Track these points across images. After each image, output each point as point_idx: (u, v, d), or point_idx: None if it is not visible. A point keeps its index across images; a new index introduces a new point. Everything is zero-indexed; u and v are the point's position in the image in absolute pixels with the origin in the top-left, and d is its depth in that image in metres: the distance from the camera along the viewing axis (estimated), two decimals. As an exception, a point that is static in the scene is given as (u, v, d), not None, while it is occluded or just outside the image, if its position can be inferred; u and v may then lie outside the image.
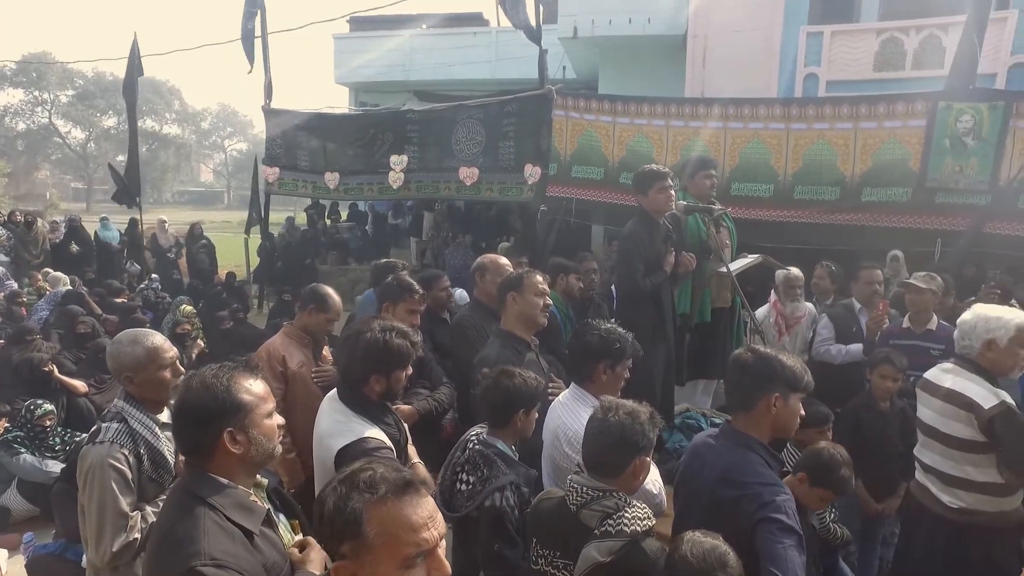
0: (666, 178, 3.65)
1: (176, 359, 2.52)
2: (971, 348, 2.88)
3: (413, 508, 1.27)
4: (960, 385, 2.87)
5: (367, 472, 1.30)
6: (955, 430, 2.86)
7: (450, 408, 3.39)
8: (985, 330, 2.82)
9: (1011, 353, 2.82)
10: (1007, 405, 2.75)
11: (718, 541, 1.71)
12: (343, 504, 1.26)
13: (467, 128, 8.15)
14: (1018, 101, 6.37)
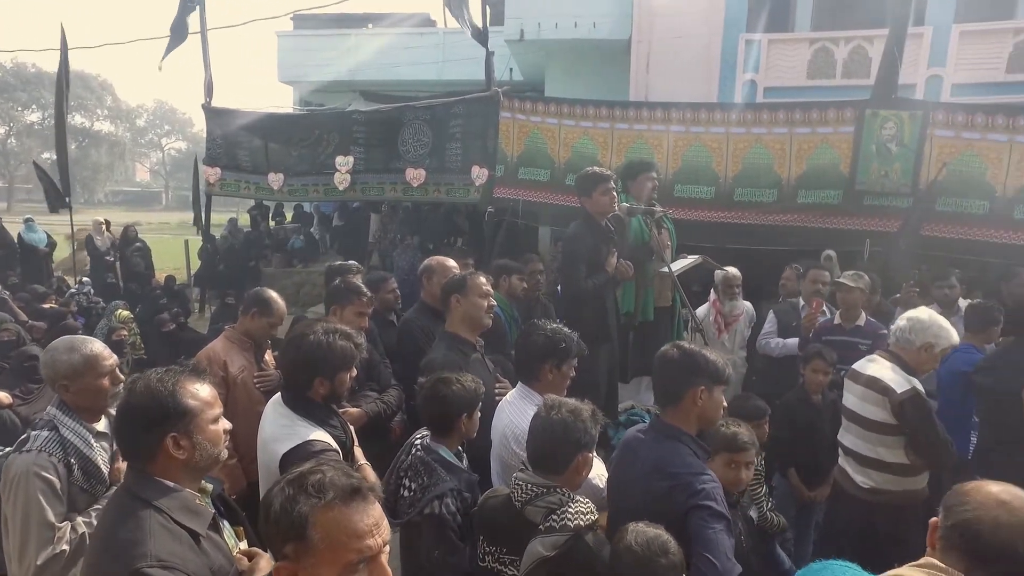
0: (609, 180, 3.73)
1: (116, 367, 2.44)
2: (910, 343, 3.09)
3: (360, 515, 1.27)
4: (879, 372, 3.10)
5: (316, 475, 1.30)
6: (871, 413, 3.09)
7: (399, 410, 3.39)
8: (932, 335, 3.05)
9: (934, 361, 3.11)
10: (917, 391, 2.98)
11: (660, 531, 1.77)
12: (290, 506, 1.26)
13: (414, 129, 8.12)
14: (934, 110, 6.75)
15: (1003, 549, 1.34)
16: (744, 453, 2.53)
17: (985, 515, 1.38)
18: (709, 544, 1.82)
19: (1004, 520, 1.36)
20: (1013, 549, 1.33)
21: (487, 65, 8.01)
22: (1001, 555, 1.34)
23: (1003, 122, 6.54)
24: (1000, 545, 1.34)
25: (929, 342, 3.04)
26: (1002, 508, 1.38)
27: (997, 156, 6.58)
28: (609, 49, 12.09)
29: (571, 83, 11.86)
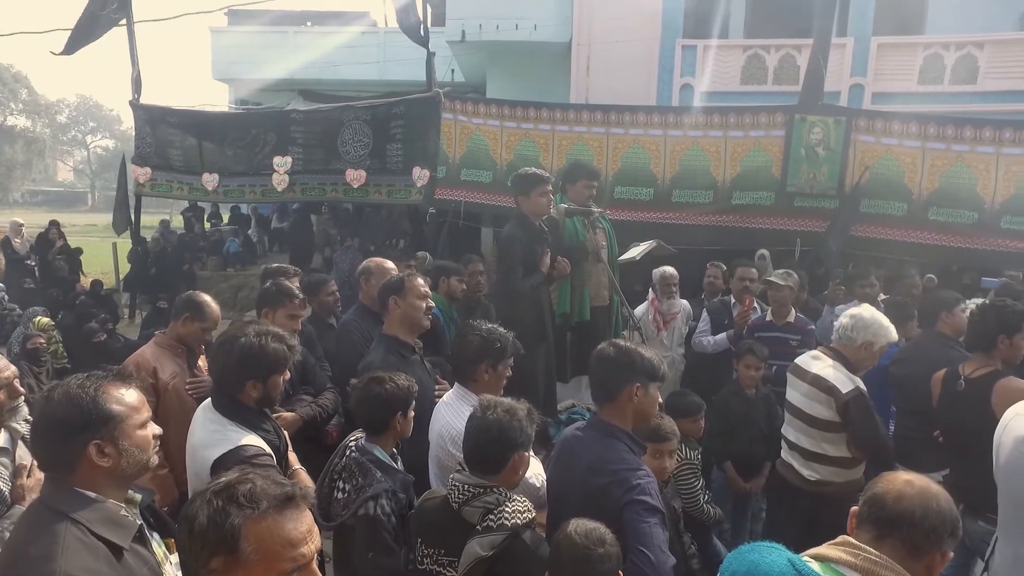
0: (547, 182, 3.77)
1: (14, 378, 2.31)
2: (851, 341, 3.22)
3: (294, 523, 1.25)
4: (824, 371, 3.21)
5: (246, 485, 1.26)
6: (816, 411, 3.21)
7: (335, 413, 3.33)
8: (872, 333, 3.18)
9: (874, 358, 3.25)
10: (860, 391, 3.13)
11: (598, 524, 1.81)
12: (220, 519, 1.21)
13: (354, 130, 8.02)
14: (856, 117, 7.11)
15: (904, 516, 1.46)
16: (667, 443, 2.61)
17: (891, 488, 1.52)
18: (643, 537, 1.86)
19: (906, 492, 1.50)
20: (912, 515, 1.46)
21: (428, 66, 7.98)
22: (902, 521, 1.46)
23: (916, 130, 6.95)
24: (901, 512, 1.47)
25: (869, 340, 3.18)
26: (906, 484, 1.52)
27: (912, 161, 6.98)
28: (550, 52, 12.22)
29: (513, 85, 11.93)
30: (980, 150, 6.90)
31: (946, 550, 1.47)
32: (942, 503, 1.49)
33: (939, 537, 1.46)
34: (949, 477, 3.40)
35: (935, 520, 1.46)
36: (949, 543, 1.47)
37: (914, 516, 1.46)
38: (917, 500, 1.47)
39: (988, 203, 6.85)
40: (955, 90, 10.69)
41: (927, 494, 1.49)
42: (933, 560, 1.47)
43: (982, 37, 10.77)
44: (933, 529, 1.45)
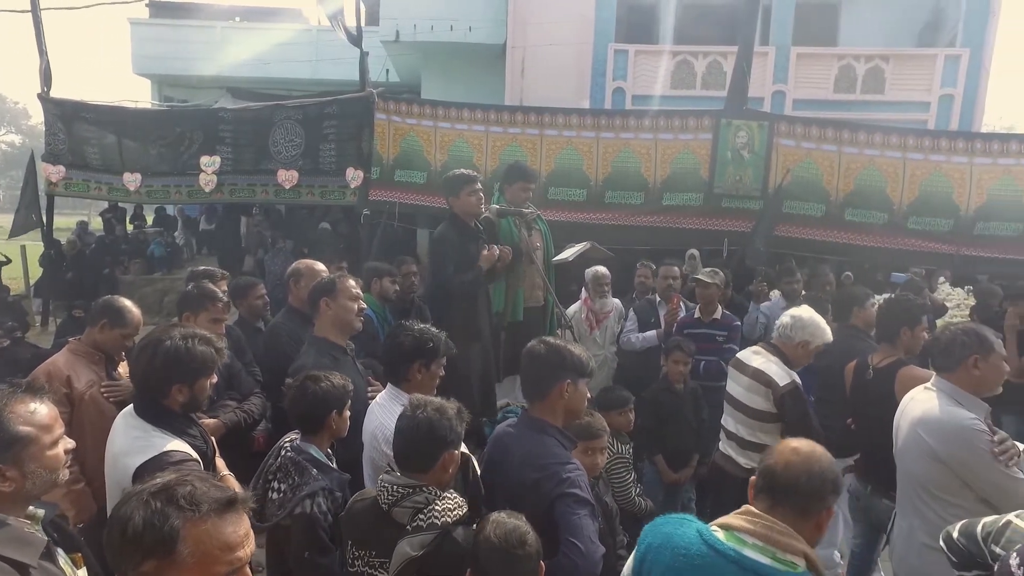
0: (475, 182, 3.79)
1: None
2: (790, 339, 3.41)
3: (233, 527, 1.23)
4: (764, 365, 3.39)
5: (186, 487, 1.22)
6: (756, 403, 3.38)
7: (262, 419, 3.26)
8: (809, 333, 3.38)
9: (808, 356, 3.45)
10: (796, 384, 3.32)
11: (520, 521, 1.83)
12: (159, 521, 1.17)
13: (285, 129, 7.84)
14: (778, 122, 7.45)
15: (791, 484, 1.59)
16: (597, 440, 2.68)
17: (780, 459, 1.65)
18: (574, 529, 1.91)
19: (793, 461, 1.62)
20: (798, 483, 1.58)
21: (361, 65, 7.89)
22: (790, 489, 1.59)
23: (832, 135, 7.34)
24: (789, 481, 1.60)
25: (806, 339, 3.38)
26: (793, 454, 1.65)
27: (830, 164, 7.36)
28: (485, 53, 12.28)
29: (448, 86, 11.92)
30: (888, 155, 7.35)
31: (830, 506, 1.60)
32: (824, 465, 1.62)
33: (823, 497, 1.59)
34: (859, 461, 3.62)
35: (818, 484, 1.59)
36: (832, 500, 1.60)
37: (799, 483, 1.59)
38: (802, 468, 1.60)
39: (896, 205, 7.31)
40: (866, 99, 11.35)
41: (810, 460, 1.62)
42: (820, 518, 1.60)
43: (887, 51, 11.49)
44: (817, 492, 1.59)
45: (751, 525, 1.55)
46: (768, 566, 1.49)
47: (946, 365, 2.68)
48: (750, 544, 1.53)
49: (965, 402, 2.57)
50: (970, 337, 2.63)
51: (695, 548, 1.55)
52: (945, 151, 7.35)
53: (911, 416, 2.71)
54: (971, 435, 2.44)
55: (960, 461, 2.47)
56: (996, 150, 7.26)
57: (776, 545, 1.51)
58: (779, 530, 1.53)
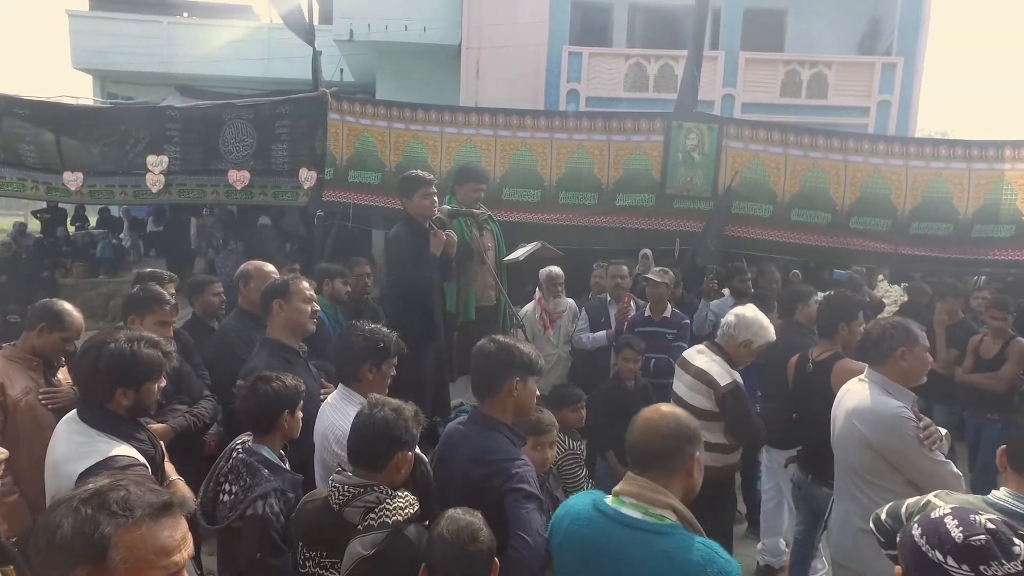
0: (430, 184, 3.81)
1: None
2: (733, 338, 3.49)
3: (169, 531, 1.21)
4: (706, 365, 3.47)
5: (119, 492, 1.20)
6: (698, 402, 3.45)
7: (213, 422, 3.21)
8: (752, 333, 3.46)
9: (752, 355, 3.54)
10: (737, 384, 3.41)
11: (473, 518, 1.86)
12: (89, 528, 1.14)
13: (236, 129, 7.68)
14: (727, 124, 7.65)
15: (647, 450, 1.77)
16: (547, 435, 2.73)
17: (635, 433, 1.82)
18: (522, 523, 1.96)
19: (643, 432, 1.79)
20: (651, 448, 1.76)
21: (314, 64, 7.79)
22: (648, 455, 1.77)
23: (778, 137, 7.57)
24: (645, 448, 1.77)
25: (749, 339, 3.46)
26: (642, 425, 1.82)
27: (776, 166, 7.59)
28: (440, 54, 12.26)
29: (402, 86, 11.86)
30: (831, 157, 7.62)
31: (691, 455, 1.75)
32: (670, 426, 1.77)
33: (679, 451, 1.75)
34: (802, 451, 3.77)
35: (670, 443, 1.75)
36: (691, 449, 1.76)
37: (652, 447, 1.76)
38: (651, 434, 1.77)
39: (839, 205, 7.58)
40: (811, 103, 11.76)
41: (656, 426, 1.78)
42: (687, 467, 1.76)
43: (829, 58, 11.93)
44: (671, 449, 1.75)
45: (629, 487, 1.75)
46: (639, 519, 1.69)
47: (876, 358, 2.82)
48: (628, 503, 1.73)
49: (894, 392, 2.72)
50: (897, 330, 2.79)
51: (586, 512, 1.79)
52: (883, 154, 7.66)
53: (846, 407, 2.86)
54: (899, 422, 2.59)
55: (889, 447, 2.62)
56: (928, 154, 7.61)
57: (647, 501, 1.70)
58: (649, 488, 1.72)
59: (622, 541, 1.68)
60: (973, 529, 1.26)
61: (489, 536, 1.84)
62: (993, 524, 1.27)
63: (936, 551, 1.27)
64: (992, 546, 1.24)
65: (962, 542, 1.25)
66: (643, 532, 1.67)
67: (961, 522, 1.29)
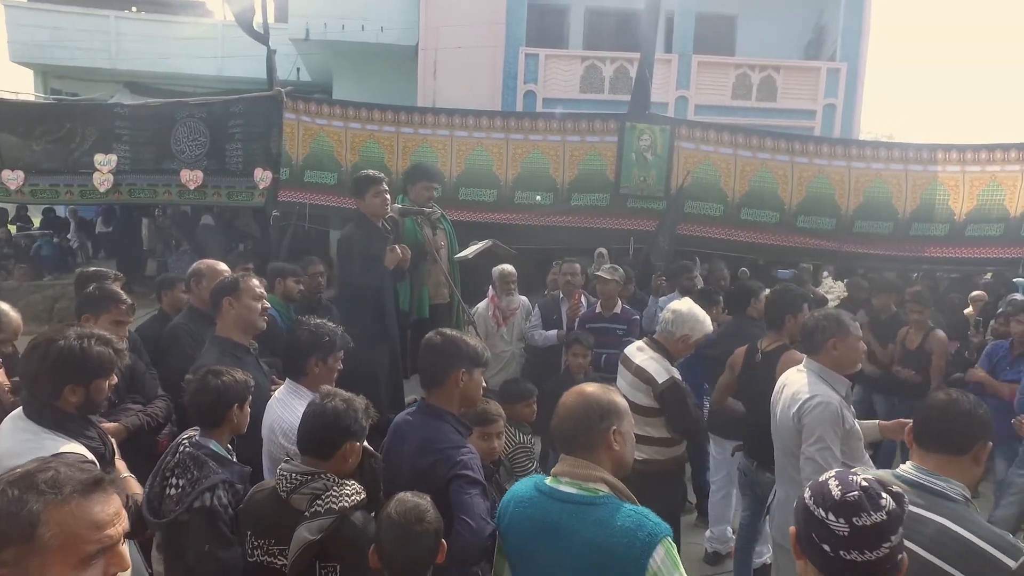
0: (382, 183, 3.85)
1: None
2: (671, 334, 3.59)
3: (101, 506, 1.23)
4: (645, 363, 3.56)
5: (48, 472, 1.22)
6: (639, 399, 3.54)
7: (167, 422, 3.21)
8: (689, 327, 3.56)
9: (690, 348, 3.66)
10: (675, 380, 3.51)
11: (421, 500, 1.94)
12: (16, 507, 1.16)
13: (188, 128, 7.56)
14: (679, 125, 7.87)
15: (567, 434, 1.86)
16: (493, 425, 2.80)
17: (554, 422, 1.91)
18: (466, 507, 2.04)
19: (559, 419, 1.89)
20: (568, 430, 1.85)
21: (269, 63, 7.73)
22: (568, 437, 1.86)
23: (728, 139, 7.82)
24: (564, 433, 1.87)
25: (686, 333, 3.57)
26: (561, 408, 1.90)
27: (727, 167, 7.83)
28: (398, 54, 12.25)
29: (360, 86, 11.80)
30: (779, 158, 7.90)
31: (609, 427, 1.83)
32: (581, 406, 1.85)
33: (592, 427, 1.83)
34: (747, 439, 3.93)
35: (583, 422, 1.83)
36: (608, 422, 1.83)
37: (565, 429, 1.87)
38: (566, 419, 1.86)
39: (787, 205, 7.86)
40: (760, 106, 12.12)
41: (570, 410, 1.87)
42: (605, 441, 1.83)
43: (778, 62, 12.33)
44: (582, 428, 1.83)
45: (563, 467, 1.85)
46: (574, 494, 1.79)
47: (811, 348, 2.99)
48: (565, 482, 1.82)
49: (829, 379, 2.89)
50: (829, 322, 2.95)
51: (528, 494, 1.88)
52: (827, 156, 7.98)
53: (786, 395, 3.01)
54: (822, 410, 2.76)
55: (807, 428, 2.79)
56: (869, 156, 7.96)
57: (580, 478, 1.80)
58: (580, 465, 1.82)
59: (560, 515, 1.77)
60: (849, 487, 1.39)
61: (436, 518, 1.91)
62: (866, 482, 1.40)
63: (820, 509, 1.40)
64: (863, 500, 1.36)
65: (839, 499, 1.38)
66: (578, 505, 1.77)
67: (841, 482, 1.42)
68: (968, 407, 1.97)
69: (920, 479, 1.94)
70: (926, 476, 1.94)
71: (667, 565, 1.65)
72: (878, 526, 1.36)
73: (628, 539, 1.67)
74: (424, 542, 1.86)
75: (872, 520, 1.35)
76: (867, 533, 1.35)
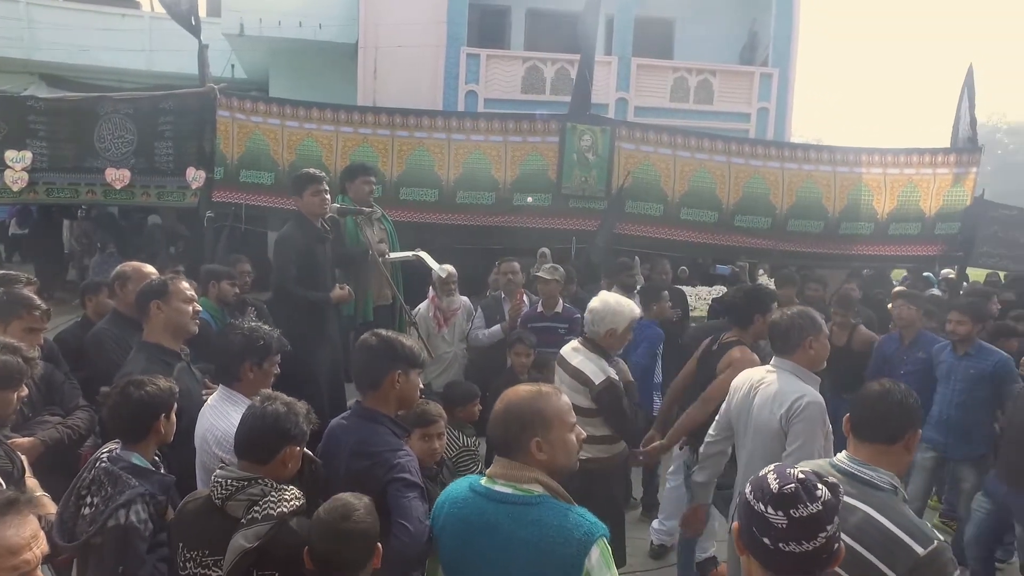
0: (321, 182, 3.76)
1: None
2: (597, 332, 3.56)
3: (15, 529, 1.18)
4: (581, 364, 3.52)
5: None
6: (578, 400, 3.50)
7: (89, 434, 3.03)
8: (611, 321, 3.50)
9: (623, 338, 3.59)
10: (612, 381, 3.48)
11: (354, 499, 1.89)
12: None
13: (113, 124, 7.20)
14: (619, 127, 8.00)
15: (499, 438, 1.85)
16: (434, 426, 2.78)
17: (489, 428, 1.90)
18: (403, 511, 2.01)
19: (492, 424, 1.88)
20: (497, 431, 1.85)
21: (200, 59, 7.44)
22: (500, 442, 1.85)
23: (667, 140, 7.99)
24: (496, 437, 1.86)
25: (610, 328, 3.52)
26: (492, 417, 1.89)
27: (666, 168, 8.00)
28: (336, 52, 12.02)
29: (297, 84, 11.52)
30: (716, 159, 8.13)
31: (535, 436, 1.81)
32: (511, 411, 1.84)
33: (515, 438, 1.82)
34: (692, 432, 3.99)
35: (514, 427, 1.82)
36: (530, 432, 1.81)
37: (493, 437, 1.88)
38: (499, 424, 1.86)
39: (725, 205, 8.09)
40: (698, 108, 12.44)
41: (502, 415, 1.85)
42: (530, 449, 1.81)
43: (714, 66, 12.69)
44: (507, 436, 1.83)
45: (497, 469, 1.84)
46: (511, 494, 1.78)
47: (785, 348, 2.98)
48: (500, 483, 1.81)
49: (804, 377, 2.92)
50: (805, 320, 2.96)
51: (464, 495, 1.87)
52: (762, 157, 8.27)
53: (765, 395, 2.95)
54: (810, 408, 2.78)
55: (793, 430, 2.80)
56: (800, 157, 8.30)
57: (514, 479, 1.79)
58: (514, 467, 1.81)
59: (496, 516, 1.76)
60: (787, 480, 1.43)
61: (367, 516, 1.86)
62: (803, 474, 1.44)
63: (760, 503, 1.43)
64: (800, 492, 1.40)
65: (777, 492, 1.41)
66: (514, 505, 1.76)
67: (778, 475, 1.45)
68: (900, 397, 2.06)
69: (852, 468, 2.01)
70: (857, 466, 2.01)
71: (600, 565, 1.67)
72: (814, 517, 1.39)
73: (564, 539, 1.67)
74: (354, 541, 1.82)
75: (808, 511, 1.39)
76: (804, 524, 1.38)
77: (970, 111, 8.80)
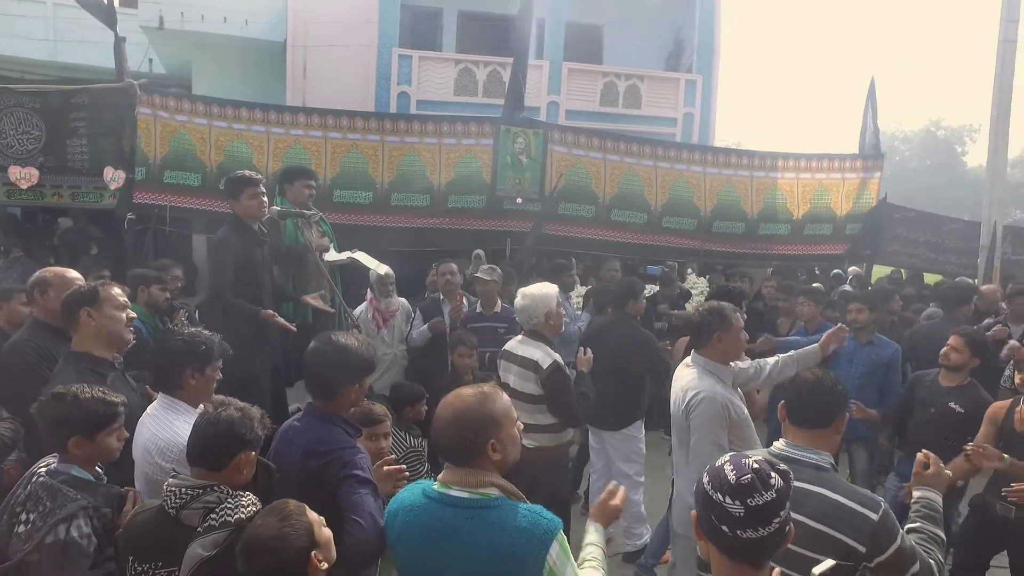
0: (258, 184, 3.70)
1: None
2: (537, 323, 3.68)
3: None
4: (529, 352, 3.66)
5: None
6: (528, 388, 3.65)
7: (14, 447, 2.88)
8: (544, 306, 3.64)
9: (559, 314, 3.74)
10: (558, 365, 3.61)
11: (289, 502, 1.81)
12: None
13: (17, 119, 6.75)
14: (551, 130, 8.16)
15: (449, 445, 1.85)
16: (380, 425, 2.82)
17: (435, 433, 1.91)
18: (356, 507, 2.02)
19: (440, 432, 1.87)
20: (451, 441, 1.84)
21: (117, 52, 7.08)
22: (451, 448, 1.85)
23: (598, 143, 8.23)
24: (446, 444, 1.86)
25: (546, 311, 3.66)
26: (437, 423, 1.89)
27: (597, 170, 8.23)
28: (264, 50, 11.69)
29: (222, 82, 11.10)
30: (644, 163, 8.43)
31: (490, 439, 1.82)
32: (462, 415, 1.83)
33: (471, 442, 1.81)
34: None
35: (468, 431, 1.82)
36: (485, 435, 1.82)
37: (444, 446, 1.87)
38: (441, 433, 1.86)
39: (653, 206, 8.40)
40: (627, 112, 12.79)
41: (451, 421, 1.85)
42: (485, 452, 1.82)
43: (642, 72, 13.07)
44: (459, 443, 1.83)
45: (450, 476, 1.85)
46: (468, 498, 1.79)
47: (699, 343, 3.14)
48: (455, 488, 1.82)
49: (715, 371, 3.06)
50: (713, 316, 3.08)
51: (418, 502, 1.87)
52: (686, 161, 8.63)
53: (676, 390, 3.14)
54: (707, 404, 2.94)
55: (694, 420, 2.97)
56: (721, 162, 8.73)
57: (469, 484, 1.80)
58: (468, 474, 1.82)
59: (455, 520, 1.78)
60: (743, 470, 1.51)
61: (300, 514, 1.77)
62: (758, 464, 1.53)
63: (717, 493, 1.50)
64: (756, 481, 1.49)
65: (735, 482, 1.49)
66: (472, 509, 1.78)
67: (735, 466, 1.53)
68: (831, 384, 2.24)
69: (794, 454, 2.16)
70: (798, 451, 2.17)
71: (561, 559, 1.74)
72: (769, 504, 1.47)
73: (526, 539, 1.72)
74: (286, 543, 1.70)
75: (764, 499, 1.47)
76: (760, 512, 1.47)
77: (873, 120, 9.48)
